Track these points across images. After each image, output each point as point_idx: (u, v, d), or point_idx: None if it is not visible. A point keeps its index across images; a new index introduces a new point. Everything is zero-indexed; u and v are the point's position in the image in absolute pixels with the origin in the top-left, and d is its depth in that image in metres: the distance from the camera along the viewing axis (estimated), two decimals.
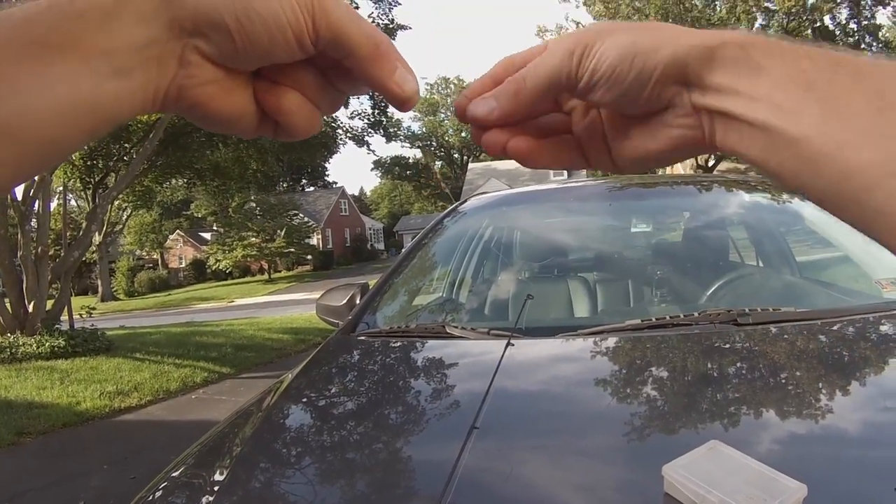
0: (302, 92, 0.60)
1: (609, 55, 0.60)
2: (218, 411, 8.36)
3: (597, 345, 2.41)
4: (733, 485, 1.27)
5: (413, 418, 2.13)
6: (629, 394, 2.02)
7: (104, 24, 0.49)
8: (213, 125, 0.60)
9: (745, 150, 0.57)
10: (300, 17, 0.53)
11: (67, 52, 0.47)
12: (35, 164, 0.50)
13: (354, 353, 2.94)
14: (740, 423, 1.73)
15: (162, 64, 0.53)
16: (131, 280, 53.84)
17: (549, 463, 1.67)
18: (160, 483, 1.89)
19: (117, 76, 0.50)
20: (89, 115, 0.49)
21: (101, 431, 8.67)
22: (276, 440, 2.10)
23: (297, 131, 0.62)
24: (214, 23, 0.52)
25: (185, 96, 0.55)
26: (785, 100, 0.53)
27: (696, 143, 0.62)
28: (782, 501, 1.21)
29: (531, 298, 2.64)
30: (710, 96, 0.58)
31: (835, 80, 0.52)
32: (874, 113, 0.49)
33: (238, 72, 0.57)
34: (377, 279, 3.65)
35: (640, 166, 0.68)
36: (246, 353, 13.51)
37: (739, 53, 0.56)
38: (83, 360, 12.72)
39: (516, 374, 2.21)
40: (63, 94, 0.47)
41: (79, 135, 0.50)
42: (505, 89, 0.64)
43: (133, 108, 0.53)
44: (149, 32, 0.51)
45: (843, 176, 0.50)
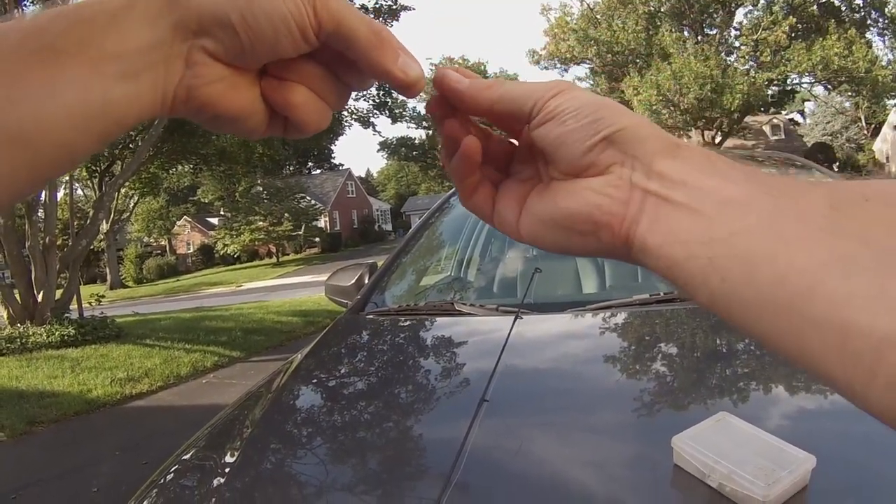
0: (309, 87, 0.60)
1: (581, 100, 0.59)
2: (228, 395, 8.35)
3: (605, 320, 2.42)
4: (742, 455, 1.28)
5: (422, 395, 2.14)
6: (638, 369, 2.03)
7: (111, 27, 0.50)
8: (223, 125, 0.60)
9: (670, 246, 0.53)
10: (302, 9, 0.54)
11: (77, 57, 0.48)
12: (48, 170, 0.50)
13: (363, 333, 2.95)
14: (749, 398, 1.74)
15: (169, 65, 0.53)
16: (140, 267, 53.74)
17: (558, 439, 1.68)
18: (172, 466, 1.91)
19: (126, 79, 0.51)
20: (100, 118, 0.50)
21: (112, 418, 8.66)
22: (286, 421, 2.11)
23: (308, 126, 0.62)
24: (219, 21, 0.53)
25: (194, 96, 0.56)
26: (735, 192, 0.51)
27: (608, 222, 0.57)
28: (791, 471, 1.22)
29: (539, 272, 2.65)
30: (654, 181, 0.55)
31: (791, 182, 0.50)
32: (830, 210, 0.46)
33: (245, 70, 0.58)
34: (385, 259, 3.66)
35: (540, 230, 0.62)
36: (255, 337, 13.48)
37: (702, 157, 0.55)
38: (93, 348, 12.69)
39: (525, 350, 2.21)
40: (74, 98, 0.48)
41: (90, 139, 0.51)
42: (480, 80, 0.65)
43: (142, 110, 0.53)
44: (155, 34, 0.52)
45: (779, 279, 0.45)
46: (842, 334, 0.41)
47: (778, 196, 0.49)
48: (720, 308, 0.50)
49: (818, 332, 0.43)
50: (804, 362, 0.45)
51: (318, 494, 1.66)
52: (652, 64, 39.67)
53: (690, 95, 37.01)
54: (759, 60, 40.20)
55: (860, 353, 0.41)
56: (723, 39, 42.32)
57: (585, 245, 0.60)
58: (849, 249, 0.43)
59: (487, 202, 0.67)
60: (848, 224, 0.44)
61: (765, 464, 1.25)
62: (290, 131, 0.63)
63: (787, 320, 0.44)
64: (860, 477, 1.35)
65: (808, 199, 0.47)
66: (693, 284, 0.51)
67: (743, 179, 0.51)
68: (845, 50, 36.75)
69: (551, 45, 45.82)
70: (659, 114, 38.49)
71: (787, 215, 0.47)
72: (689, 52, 38.99)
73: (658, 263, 0.54)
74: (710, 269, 0.49)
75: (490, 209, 0.67)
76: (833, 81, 40.69)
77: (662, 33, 40.86)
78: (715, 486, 1.26)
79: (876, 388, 0.40)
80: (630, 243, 0.56)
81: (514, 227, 0.64)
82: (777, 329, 0.46)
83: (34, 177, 0.49)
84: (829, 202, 0.46)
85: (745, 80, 38.16)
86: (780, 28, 38.27)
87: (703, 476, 1.29)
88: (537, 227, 0.62)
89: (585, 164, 0.58)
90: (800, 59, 37.99)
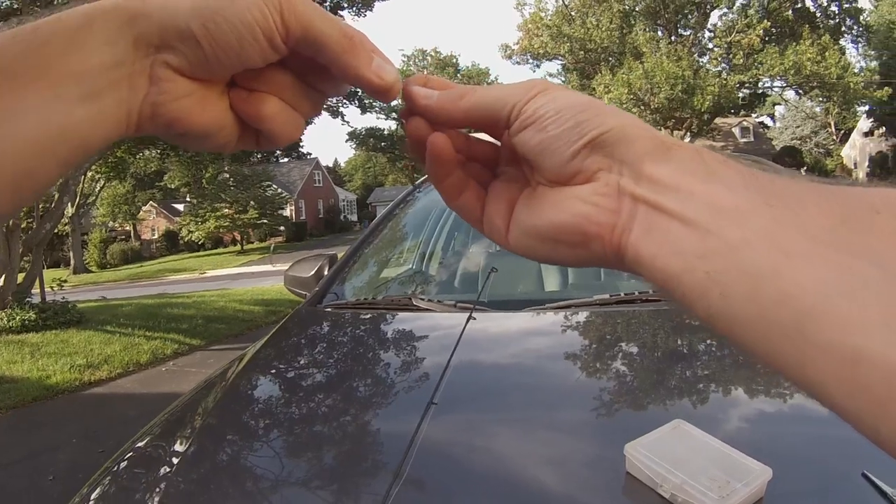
0: (280, 96, 0.58)
1: (560, 102, 0.55)
2: (188, 383, 8.30)
3: (565, 319, 2.39)
4: (696, 465, 1.25)
5: (372, 391, 2.12)
6: (595, 369, 2.00)
7: (69, 48, 0.48)
8: (192, 141, 0.58)
9: (665, 258, 0.48)
10: (267, 15, 0.51)
11: (35, 82, 0.47)
12: (10, 200, 0.48)
13: (320, 325, 2.93)
14: (707, 401, 1.72)
15: (132, 83, 0.51)
16: (104, 252, 53.37)
17: (507, 438, 1.65)
18: (126, 453, 1.91)
19: (88, 101, 0.49)
20: (63, 143, 0.48)
21: (71, 405, 8.59)
22: (238, 411, 2.10)
23: (280, 138, 0.60)
24: (181, 33, 0.51)
25: (160, 113, 0.53)
26: (731, 200, 0.46)
27: (597, 233, 0.52)
28: (746, 484, 1.20)
29: (495, 272, 2.63)
30: (644, 186, 0.51)
31: (794, 187, 0.46)
32: (837, 223, 0.42)
33: (212, 83, 0.56)
34: (346, 251, 3.63)
35: (529, 242, 0.58)
36: (216, 325, 13.45)
37: (694, 157, 0.51)
38: (54, 334, 12.59)
39: (480, 348, 2.20)
40: (35, 124, 0.46)
41: (54, 165, 0.49)
42: (451, 91, 0.61)
43: (107, 132, 0.51)
44: (115, 53, 0.50)
45: (783, 297, 0.41)
46: (851, 362, 0.37)
47: (778, 205, 0.44)
48: (720, 325, 0.46)
49: (825, 357, 0.39)
50: (809, 388, 0.41)
51: (265, 483, 1.64)
52: (624, 62, 39.93)
53: (661, 95, 37.29)
54: (731, 63, 40.66)
55: (871, 383, 0.37)
56: (696, 41, 42.72)
57: (576, 256, 0.56)
58: (859, 269, 0.39)
59: (476, 205, 0.63)
60: (857, 240, 0.41)
61: (719, 475, 1.22)
62: (262, 143, 0.61)
63: (792, 343, 0.40)
64: (817, 490, 1.32)
65: (811, 210, 0.43)
66: (690, 298, 0.47)
67: (740, 185, 0.47)
68: (818, 56, 37.17)
69: (524, 41, 45.99)
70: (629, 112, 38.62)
71: (789, 226, 0.43)
72: (662, 51, 39.36)
73: (653, 275, 0.50)
74: (708, 283, 0.45)
75: (479, 213, 0.63)
76: (805, 86, 41.11)
77: (636, 32, 41.24)
78: (667, 497, 1.23)
79: (888, 421, 0.37)
80: (622, 254, 0.52)
81: (504, 236, 0.60)
82: (781, 351, 0.41)
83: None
84: (835, 213, 0.42)
85: (716, 81, 38.55)
86: (754, 31, 38.70)
87: (656, 485, 1.26)
88: (526, 238, 0.58)
89: (571, 171, 0.54)
90: (772, 62, 38.41)
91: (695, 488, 1.19)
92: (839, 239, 0.41)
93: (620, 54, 41.83)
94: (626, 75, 38.25)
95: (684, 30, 43.74)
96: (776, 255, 0.42)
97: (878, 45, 44.25)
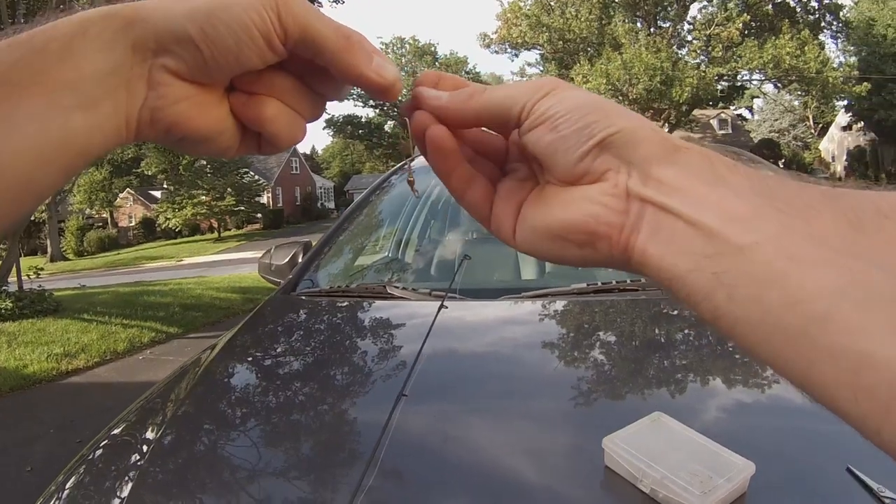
0: (281, 99, 0.58)
1: (570, 102, 0.54)
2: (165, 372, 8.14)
3: (542, 308, 2.37)
4: (676, 460, 1.23)
5: (347, 380, 2.11)
6: (572, 359, 1.98)
7: (65, 56, 0.48)
8: (193, 146, 0.57)
9: (672, 257, 0.48)
10: (265, 17, 0.51)
11: (31, 89, 0.46)
12: (11, 209, 0.48)
13: (293, 313, 2.91)
14: (687, 392, 1.70)
15: (130, 89, 0.51)
16: (80, 239, 53.08)
17: (480, 426, 1.64)
18: (101, 440, 1.91)
19: (85, 108, 0.48)
20: (61, 151, 0.48)
21: (48, 395, 8.53)
22: (211, 398, 2.09)
23: (282, 140, 0.59)
24: (178, 37, 0.51)
25: (159, 118, 0.53)
26: (740, 206, 0.46)
27: (605, 233, 0.52)
28: (729, 479, 1.17)
29: (468, 259, 2.61)
30: (651, 187, 0.50)
31: (803, 193, 0.45)
32: (846, 228, 0.41)
33: (211, 87, 0.55)
34: (320, 238, 3.61)
35: (537, 240, 0.57)
36: (193, 313, 13.39)
37: (702, 161, 0.50)
38: (31, 322, 12.52)
39: (453, 337, 2.19)
40: (32, 132, 0.46)
41: (54, 173, 0.48)
42: (460, 92, 0.60)
43: (106, 139, 0.51)
44: (112, 59, 0.50)
45: (791, 302, 0.40)
46: (856, 366, 0.37)
47: (788, 211, 0.44)
48: (724, 326, 0.45)
49: (830, 362, 0.38)
50: (813, 392, 0.40)
51: (239, 469, 1.63)
52: (603, 53, 40.01)
53: (640, 86, 37.41)
54: (710, 55, 40.77)
55: (875, 387, 0.37)
56: (675, 33, 42.90)
57: (583, 256, 0.55)
58: (867, 274, 0.39)
59: (485, 202, 0.62)
60: (866, 245, 0.40)
61: (700, 470, 1.20)
62: (263, 147, 0.61)
63: (797, 347, 0.40)
64: (802, 484, 1.30)
65: (821, 215, 0.43)
66: (696, 299, 0.46)
67: (748, 189, 0.47)
68: (797, 50, 37.42)
69: (503, 30, 46.03)
70: None
71: (797, 231, 0.42)
72: (641, 43, 39.44)
73: (659, 275, 0.49)
74: (715, 284, 0.45)
75: (487, 211, 0.62)
76: (783, 80, 41.48)
77: (615, 23, 41.37)
78: (647, 492, 1.20)
79: (890, 425, 0.36)
80: (629, 254, 0.51)
81: (511, 235, 0.60)
82: (785, 355, 0.41)
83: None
84: (844, 218, 0.42)
85: (695, 73, 38.72)
86: (734, 25, 38.91)
87: (636, 480, 1.23)
88: (533, 238, 0.58)
89: (580, 171, 0.53)
90: (751, 56, 38.61)
91: (676, 483, 1.16)
92: (847, 244, 0.40)
93: (599, 45, 41.98)
94: (604, 66, 38.34)
95: (664, 22, 43.92)
96: (784, 259, 0.42)
97: (858, 41, 44.59)
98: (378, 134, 71.52)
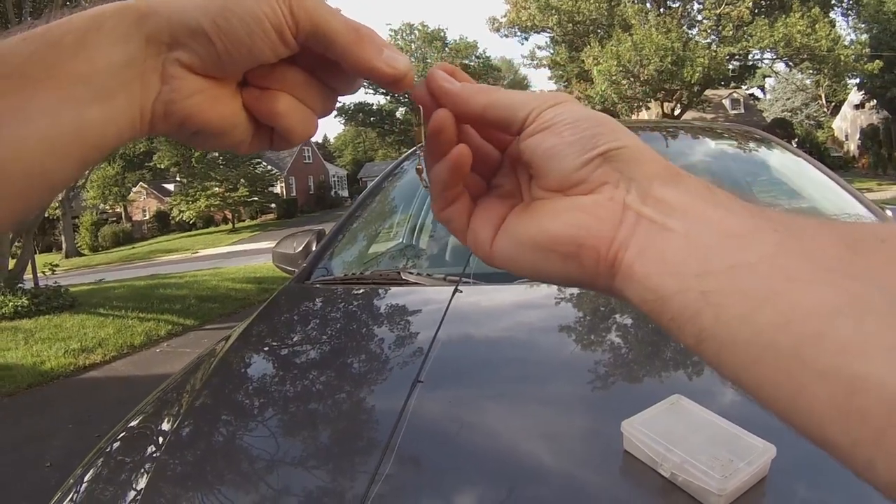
0: (293, 94, 0.58)
1: (579, 113, 0.55)
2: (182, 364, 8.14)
3: (558, 290, 2.35)
4: (696, 443, 1.22)
5: (363, 367, 2.10)
6: (589, 342, 1.97)
7: (79, 49, 0.48)
8: (206, 140, 0.58)
9: (659, 277, 0.47)
10: (277, 10, 0.52)
11: (45, 82, 0.47)
12: (26, 201, 0.48)
13: (308, 301, 2.91)
14: (705, 374, 1.67)
15: (144, 82, 0.52)
16: (95, 235, 53.35)
17: (497, 412, 1.63)
18: (119, 433, 1.91)
19: (99, 101, 0.49)
20: (76, 143, 0.48)
21: (66, 390, 8.58)
22: (228, 388, 2.08)
23: (295, 135, 0.59)
24: (191, 30, 0.51)
25: (173, 111, 0.54)
26: (737, 225, 0.46)
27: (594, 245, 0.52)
28: (749, 462, 1.16)
29: None
30: (650, 205, 0.50)
31: (800, 219, 0.46)
32: (843, 250, 0.41)
33: (224, 81, 0.56)
34: (333, 226, 3.60)
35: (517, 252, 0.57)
36: (210, 305, 13.45)
37: (703, 187, 0.51)
38: (47, 319, 12.58)
39: (469, 321, 2.18)
40: (46, 125, 0.46)
41: (68, 166, 0.49)
42: (472, 84, 0.60)
43: (120, 132, 0.51)
44: (126, 52, 0.50)
45: (783, 321, 0.39)
46: (849, 388, 0.36)
47: (784, 232, 0.44)
48: (708, 351, 0.44)
49: (821, 385, 0.37)
50: (800, 421, 0.39)
51: (256, 458, 1.62)
52: (613, 34, 39.75)
53: (651, 67, 37.17)
54: (720, 35, 40.45)
55: (868, 410, 0.35)
56: (685, 13, 42.58)
57: (566, 269, 0.55)
58: (862, 293, 0.38)
59: (463, 216, 0.62)
60: (861, 265, 0.40)
61: (721, 453, 1.18)
62: (276, 142, 0.61)
63: (787, 370, 0.39)
64: (823, 467, 1.28)
65: (817, 237, 0.43)
66: (681, 321, 0.45)
67: (747, 214, 0.47)
68: (808, 28, 37.09)
69: (512, 13, 45.86)
70: (619, 84, 38.71)
71: (793, 251, 0.42)
72: (651, 23, 39.19)
73: (644, 296, 0.49)
74: (702, 303, 0.44)
75: (465, 224, 0.62)
76: (795, 59, 41.04)
77: (624, 4, 41.11)
78: (667, 476, 1.19)
79: (883, 452, 0.35)
80: (615, 270, 0.51)
81: (487, 249, 0.60)
82: (774, 380, 0.40)
83: (10, 209, 0.47)
84: (841, 241, 0.42)
85: (706, 53, 38.35)
86: (744, 3, 38.56)
87: (655, 464, 1.22)
88: (514, 250, 0.57)
89: (576, 179, 0.54)
90: (762, 35, 38.25)
91: (696, 467, 1.15)
92: (844, 265, 0.40)
93: (609, 26, 41.66)
94: (615, 47, 38.04)
95: (673, 2, 43.62)
96: (778, 278, 0.41)
97: (869, 18, 44.24)
98: (390, 121, 71.57)
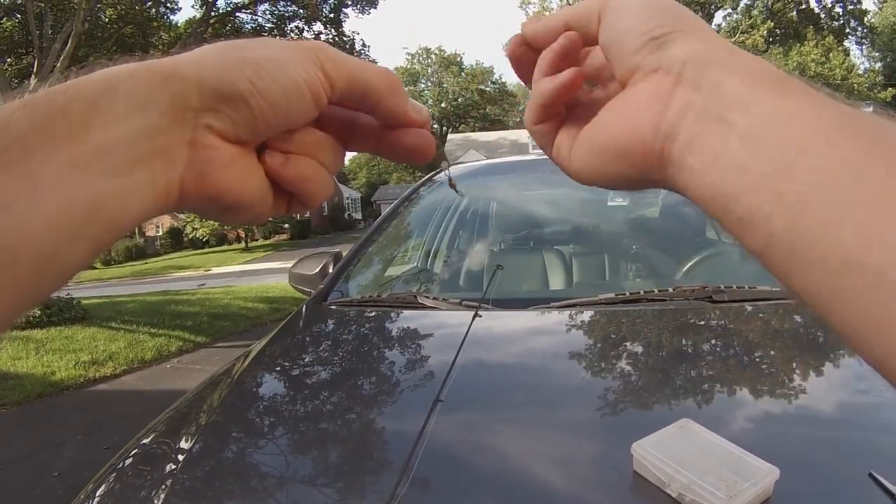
0: (314, 156, 0.55)
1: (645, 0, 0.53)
2: (192, 380, 8.25)
3: (571, 318, 2.39)
4: (703, 465, 1.25)
5: (380, 389, 2.12)
6: (600, 369, 1.99)
7: (91, 118, 0.43)
8: (232, 216, 0.54)
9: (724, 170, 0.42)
10: (313, 74, 0.50)
11: (52, 156, 0.40)
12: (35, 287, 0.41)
13: (324, 323, 2.92)
14: (713, 401, 1.71)
15: (168, 154, 0.47)
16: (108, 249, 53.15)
17: (514, 436, 1.65)
18: (131, 450, 1.91)
19: (117, 175, 0.43)
20: (90, 222, 0.42)
21: (75, 401, 8.55)
22: (243, 408, 2.09)
23: (316, 199, 0.57)
24: (224, 94, 0.48)
25: (208, 184, 0.50)
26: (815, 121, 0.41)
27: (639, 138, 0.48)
28: (754, 483, 1.19)
29: (501, 269, 2.64)
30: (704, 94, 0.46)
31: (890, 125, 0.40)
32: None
33: (248, 148, 0.52)
34: (350, 248, 3.62)
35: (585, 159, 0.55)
36: (221, 322, 13.39)
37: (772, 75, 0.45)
38: (58, 330, 12.49)
39: (485, 346, 2.20)
40: (56, 202, 0.40)
41: (81, 246, 0.42)
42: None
43: (143, 209, 0.46)
44: (147, 120, 0.45)
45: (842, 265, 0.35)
46: None
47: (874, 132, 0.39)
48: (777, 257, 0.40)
49: None
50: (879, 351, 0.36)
51: (270, 480, 1.64)
52: None
53: None
54: None
55: None
56: None
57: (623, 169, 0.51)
58: None
59: (551, 133, 0.60)
60: None
61: (727, 474, 1.22)
62: (293, 207, 0.58)
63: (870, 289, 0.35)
64: (825, 489, 1.33)
65: None
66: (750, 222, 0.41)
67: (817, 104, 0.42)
68: (822, 57, 37.10)
69: None
70: None
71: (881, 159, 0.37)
72: None
73: (701, 191, 0.45)
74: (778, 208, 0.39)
75: (551, 141, 0.60)
76: None
77: None
78: (675, 496, 1.23)
79: None
80: (664, 162, 0.47)
81: (568, 158, 0.58)
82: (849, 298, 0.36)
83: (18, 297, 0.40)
84: None
85: None
86: (759, 32, 38.59)
87: (663, 485, 1.26)
88: (585, 158, 0.55)
89: (631, 66, 0.50)
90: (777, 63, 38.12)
91: (703, 488, 1.19)
92: None
93: None
94: None
95: None
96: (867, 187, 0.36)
97: (883, 47, 44.25)
98: None
